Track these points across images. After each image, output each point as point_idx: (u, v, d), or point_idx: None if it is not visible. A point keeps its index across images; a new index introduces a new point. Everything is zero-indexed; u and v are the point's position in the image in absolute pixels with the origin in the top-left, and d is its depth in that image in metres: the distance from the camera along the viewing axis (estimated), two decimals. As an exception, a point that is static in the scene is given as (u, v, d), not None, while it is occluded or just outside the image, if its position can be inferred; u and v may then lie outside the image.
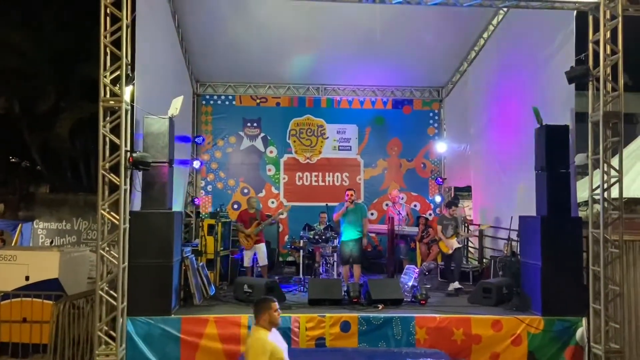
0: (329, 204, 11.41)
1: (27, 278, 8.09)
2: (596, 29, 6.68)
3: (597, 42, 6.64)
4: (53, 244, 12.41)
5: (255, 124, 12.76)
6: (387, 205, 12.55)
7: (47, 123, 14.83)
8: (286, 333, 6.50)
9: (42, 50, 14.14)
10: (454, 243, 8.92)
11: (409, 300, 7.68)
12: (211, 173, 12.59)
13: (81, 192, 14.47)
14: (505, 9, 9.28)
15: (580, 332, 6.63)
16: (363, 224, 8.81)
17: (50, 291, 7.71)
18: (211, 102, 12.67)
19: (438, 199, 12.88)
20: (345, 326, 6.60)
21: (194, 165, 11.84)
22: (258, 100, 12.76)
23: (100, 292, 5.96)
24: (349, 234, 8.77)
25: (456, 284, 8.64)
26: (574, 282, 6.76)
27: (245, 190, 12.64)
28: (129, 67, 6.20)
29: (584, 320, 6.64)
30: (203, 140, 12.17)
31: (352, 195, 8.82)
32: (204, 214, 12.15)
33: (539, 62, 8.37)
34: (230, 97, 12.71)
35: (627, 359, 6.54)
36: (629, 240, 6.91)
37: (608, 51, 6.58)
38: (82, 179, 16.00)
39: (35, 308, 7.55)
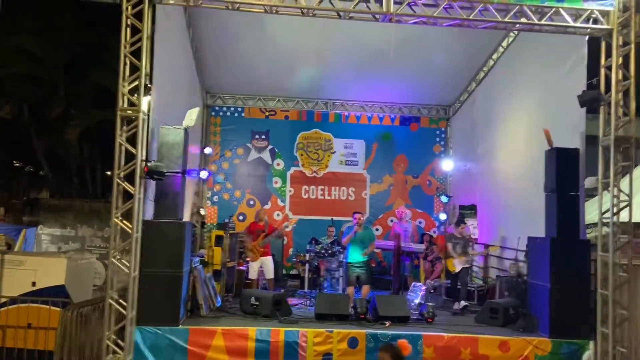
0: (335, 218, 11.50)
1: (33, 284, 8.09)
2: (608, 55, 6.77)
3: (609, 68, 6.73)
4: (61, 250, 12.38)
5: (263, 136, 12.83)
6: (392, 221, 12.58)
7: (56, 129, 14.92)
8: (293, 347, 6.52)
9: (55, 57, 14.30)
10: (462, 262, 8.91)
11: (416, 317, 7.68)
12: (218, 184, 12.63)
13: (86, 199, 14.50)
14: (515, 32, 9.38)
15: (588, 355, 6.64)
16: (369, 246, 8.75)
17: (56, 297, 7.71)
18: (220, 113, 12.76)
19: (443, 216, 12.91)
20: (353, 342, 6.59)
21: (201, 176, 11.88)
22: (267, 113, 12.85)
23: (110, 300, 5.96)
24: (355, 256, 8.66)
25: (462, 303, 8.63)
26: (582, 304, 6.78)
27: (252, 202, 12.67)
28: (148, 77, 6.26)
29: (592, 344, 6.64)
30: (211, 151, 12.24)
31: (360, 218, 8.78)
32: (209, 224, 12.21)
33: (548, 85, 8.47)
34: (239, 109, 12.81)
35: (634, 383, 6.53)
36: (637, 264, 6.93)
37: (620, 76, 6.66)
38: (87, 185, 16.05)
39: (42, 314, 7.53)
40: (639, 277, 6.91)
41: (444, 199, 12.90)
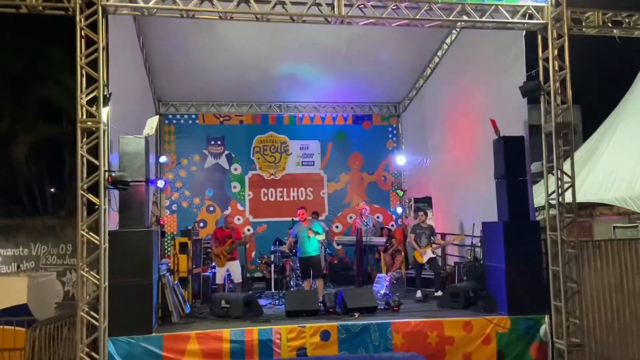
0: (295, 219, 11.63)
1: (-6, 305, 7.86)
2: (545, 47, 7.27)
3: (546, 59, 7.23)
4: (21, 270, 12.01)
5: (219, 142, 12.87)
6: (351, 218, 12.90)
7: (1, 147, 14.41)
8: (267, 345, 6.66)
9: (-3, 73, 13.88)
10: (429, 252, 9.22)
11: (383, 307, 7.95)
12: (176, 192, 12.57)
13: (38, 217, 14.07)
14: (458, 29, 9.84)
15: (544, 328, 7.09)
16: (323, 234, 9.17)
17: (20, 317, 7.52)
18: (174, 121, 12.70)
19: (399, 210, 13.32)
20: (325, 335, 6.79)
21: (158, 185, 11.79)
22: (221, 119, 12.90)
23: (82, 313, 5.92)
24: (306, 249, 8.99)
25: (439, 293, 8.85)
26: (536, 281, 7.24)
27: (211, 208, 12.68)
28: (106, 88, 6.25)
29: (547, 318, 7.10)
30: (167, 159, 12.17)
31: (303, 214, 9.17)
32: (169, 233, 12.13)
33: (491, 78, 8.96)
34: (193, 116, 12.80)
35: (587, 351, 7.01)
36: (582, 240, 7.47)
37: (556, 67, 7.16)
38: (37, 203, 15.57)
39: (6, 335, 7.31)
40: (585, 252, 7.42)
41: (399, 193, 13.32)
